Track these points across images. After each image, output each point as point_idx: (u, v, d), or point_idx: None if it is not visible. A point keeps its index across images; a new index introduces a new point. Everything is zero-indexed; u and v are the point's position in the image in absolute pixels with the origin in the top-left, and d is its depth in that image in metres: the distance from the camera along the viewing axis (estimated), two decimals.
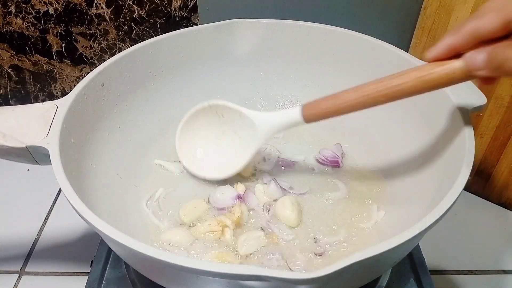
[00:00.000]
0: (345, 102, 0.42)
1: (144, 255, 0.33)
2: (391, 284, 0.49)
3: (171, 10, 0.73)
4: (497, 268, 0.63)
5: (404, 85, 0.38)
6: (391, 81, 0.39)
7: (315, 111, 0.45)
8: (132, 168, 0.55)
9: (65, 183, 0.38)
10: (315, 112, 0.45)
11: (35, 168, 0.59)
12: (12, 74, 0.84)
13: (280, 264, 0.45)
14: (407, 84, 0.38)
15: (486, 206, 0.71)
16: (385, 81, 0.39)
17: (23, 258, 0.66)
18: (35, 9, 0.75)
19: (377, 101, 0.40)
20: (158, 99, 0.59)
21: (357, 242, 0.48)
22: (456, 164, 0.40)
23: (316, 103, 0.45)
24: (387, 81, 0.39)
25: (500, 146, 0.65)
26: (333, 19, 0.61)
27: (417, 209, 0.44)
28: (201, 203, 0.51)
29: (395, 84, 0.38)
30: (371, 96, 0.40)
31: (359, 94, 0.41)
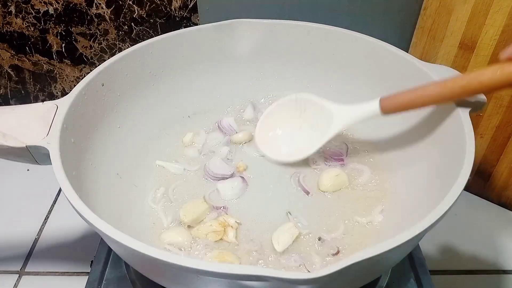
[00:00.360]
0: (423, 100, 0.45)
1: (144, 255, 0.33)
2: (391, 284, 0.49)
3: (171, 10, 0.73)
4: (497, 268, 0.63)
5: (484, 88, 0.40)
6: (470, 83, 0.41)
7: (393, 103, 0.47)
8: (132, 168, 0.55)
9: (65, 183, 0.38)
10: (393, 103, 0.47)
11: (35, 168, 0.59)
12: (12, 74, 0.84)
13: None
14: (486, 88, 0.40)
15: (486, 206, 0.71)
16: (463, 82, 0.41)
17: (23, 258, 0.66)
18: (35, 9, 0.75)
19: (453, 99, 0.43)
20: (158, 99, 0.59)
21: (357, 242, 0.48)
22: (456, 164, 0.40)
23: (394, 96, 0.47)
24: (466, 83, 0.41)
25: (500, 146, 0.65)
26: (333, 19, 0.61)
27: (417, 209, 0.44)
28: (201, 203, 0.51)
29: (475, 87, 0.41)
30: (448, 97, 0.43)
31: (438, 94, 0.43)
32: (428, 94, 0.44)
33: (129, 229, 0.48)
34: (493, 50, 0.58)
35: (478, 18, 0.58)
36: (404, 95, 0.46)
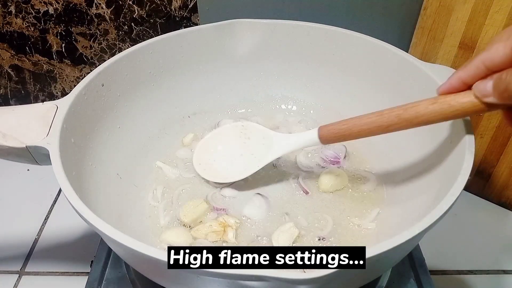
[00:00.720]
0: (360, 128, 0.43)
1: (144, 255, 0.33)
2: (391, 284, 0.49)
3: (171, 10, 0.73)
4: (497, 268, 0.63)
5: (420, 118, 0.39)
6: (406, 111, 0.40)
7: (331, 132, 0.46)
8: (132, 168, 0.55)
9: (65, 183, 0.38)
10: (331, 134, 0.46)
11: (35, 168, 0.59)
12: (12, 74, 0.84)
13: None
14: (422, 117, 0.39)
15: (486, 206, 0.71)
16: (400, 111, 0.40)
17: (23, 258, 0.66)
18: (35, 9, 0.75)
19: (390, 130, 0.41)
20: (158, 99, 0.59)
21: (357, 242, 0.48)
22: (456, 164, 0.40)
23: (332, 125, 0.46)
24: (402, 111, 0.40)
25: (500, 146, 0.65)
26: (333, 19, 0.61)
27: (417, 209, 0.44)
28: (201, 203, 0.51)
29: (410, 115, 0.39)
30: (385, 126, 0.41)
31: (374, 123, 0.42)
32: (364, 123, 0.43)
33: (129, 229, 0.48)
34: None
35: (478, 18, 0.58)
36: (341, 124, 0.45)
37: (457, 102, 0.36)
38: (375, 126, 0.42)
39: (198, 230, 0.49)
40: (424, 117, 0.38)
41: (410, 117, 0.39)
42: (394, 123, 0.40)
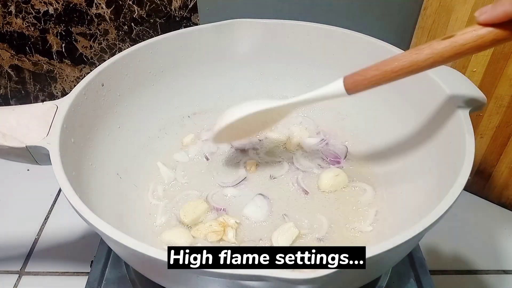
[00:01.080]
0: (392, 68, 0.40)
1: (144, 255, 0.33)
2: (391, 284, 0.49)
3: (171, 10, 0.73)
4: (497, 268, 0.63)
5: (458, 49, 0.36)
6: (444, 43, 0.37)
7: (360, 80, 0.42)
8: (132, 168, 0.55)
9: (65, 183, 0.38)
10: (360, 80, 0.42)
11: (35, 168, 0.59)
12: (12, 74, 0.84)
13: None
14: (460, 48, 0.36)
15: (486, 206, 0.71)
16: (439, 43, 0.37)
17: (23, 258, 0.66)
18: (35, 9, 0.75)
19: (429, 65, 0.38)
20: (158, 99, 0.59)
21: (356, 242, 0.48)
22: (456, 164, 0.40)
23: (358, 73, 0.43)
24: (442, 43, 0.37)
25: (500, 146, 0.65)
26: (333, 19, 0.61)
27: (417, 209, 0.44)
28: (201, 203, 0.51)
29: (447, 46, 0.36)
30: (421, 61, 0.38)
31: (407, 60, 0.39)
32: (397, 66, 0.39)
33: (129, 229, 0.48)
34: (493, 50, 0.58)
35: None
36: (369, 71, 0.41)
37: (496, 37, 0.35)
38: (408, 68, 0.39)
39: (198, 230, 0.49)
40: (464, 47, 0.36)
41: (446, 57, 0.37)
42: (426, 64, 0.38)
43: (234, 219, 0.49)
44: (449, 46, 0.36)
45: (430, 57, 0.37)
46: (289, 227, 0.48)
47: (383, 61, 0.41)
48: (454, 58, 0.37)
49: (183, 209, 0.51)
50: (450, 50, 0.36)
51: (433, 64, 0.38)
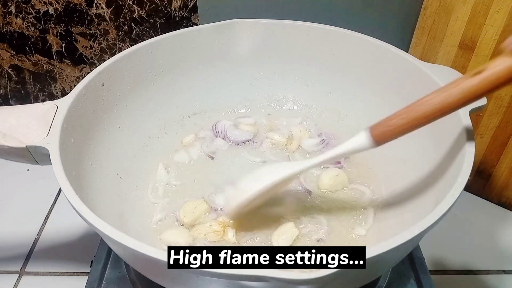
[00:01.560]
0: (420, 115, 0.37)
1: (144, 255, 0.33)
2: (391, 284, 0.49)
3: (171, 10, 0.73)
4: (497, 268, 0.63)
5: (490, 85, 0.34)
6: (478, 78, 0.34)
7: (387, 131, 0.39)
8: (132, 168, 0.55)
9: (65, 183, 0.38)
10: (387, 132, 0.39)
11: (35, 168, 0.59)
12: (12, 74, 0.84)
13: None
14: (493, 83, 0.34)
15: (486, 206, 0.71)
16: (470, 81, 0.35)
17: (23, 258, 0.66)
18: (35, 9, 0.75)
19: (451, 109, 0.36)
20: (158, 99, 0.59)
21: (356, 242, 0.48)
22: (456, 164, 0.40)
23: (385, 123, 0.40)
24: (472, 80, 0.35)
25: (500, 146, 0.65)
26: (333, 19, 0.61)
27: (417, 209, 0.44)
28: (201, 203, 0.51)
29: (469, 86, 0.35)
30: (451, 103, 0.36)
31: (436, 104, 0.37)
32: (426, 111, 0.37)
33: (129, 229, 0.48)
34: (493, 50, 0.58)
35: (478, 18, 0.58)
36: (395, 120, 0.39)
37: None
38: (439, 107, 0.36)
39: (197, 230, 0.49)
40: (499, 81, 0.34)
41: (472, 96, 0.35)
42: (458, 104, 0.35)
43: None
44: (481, 83, 0.34)
45: (461, 97, 0.35)
46: (289, 227, 0.48)
47: (409, 106, 0.38)
48: (488, 93, 0.35)
49: (183, 209, 0.51)
50: (482, 87, 0.34)
51: (464, 104, 0.36)
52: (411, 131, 0.39)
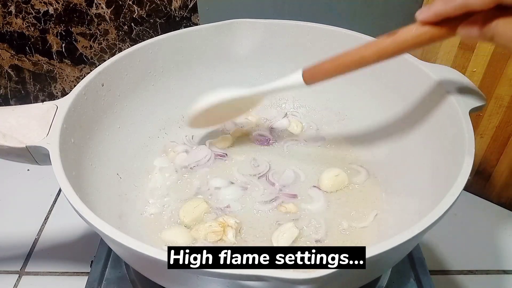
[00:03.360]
0: (344, 62, 0.44)
1: (144, 255, 0.33)
2: (391, 284, 0.49)
3: (171, 10, 0.73)
4: (497, 268, 0.63)
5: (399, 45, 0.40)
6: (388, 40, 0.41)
7: (315, 71, 0.47)
8: (132, 168, 0.55)
9: (65, 183, 0.38)
10: (316, 72, 0.47)
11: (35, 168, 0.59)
12: (12, 74, 0.84)
13: None
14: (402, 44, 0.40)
15: (486, 206, 0.71)
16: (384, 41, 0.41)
17: (23, 258, 0.66)
18: (35, 9, 0.75)
19: (376, 59, 0.42)
20: (158, 99, 0.59)
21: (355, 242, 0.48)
22: (456, 164, 0.40)
23: (317, 66, 0.47)
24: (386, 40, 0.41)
25: (500, 146, 0.65)
26: (333, 19, 0.61)
27: (417, 209, 0.44)
28: (201, 203, 0.51)
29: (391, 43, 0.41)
30: (368, 56, 0.42)
31: (356, 55, 0.43)
32: (349, 60, 0.44)
33: (129, 229, 0.49)
34: (493, 50, 0.58)
35: None
36: (325, 64, 0.46)
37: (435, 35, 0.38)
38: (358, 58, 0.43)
39: (197, 230, 0.49)
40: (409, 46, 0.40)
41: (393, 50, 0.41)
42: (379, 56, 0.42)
43: (234, 219, 0.49)
44: (391, 43, 0.40)
45: (376, 53, 0.41)
46: (289, 227, 0.48)
47: (337, 54, 0.45)
48: (397, 53, 0.41)
49: (182, 209, 0.51)
50: (392, 46, 0.40)
51: (379, 59, 0.42)
52: (336, 75, 0.45)
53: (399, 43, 0.40)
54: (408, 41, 0.39)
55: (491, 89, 0.61)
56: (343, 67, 0.44)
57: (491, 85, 0.61)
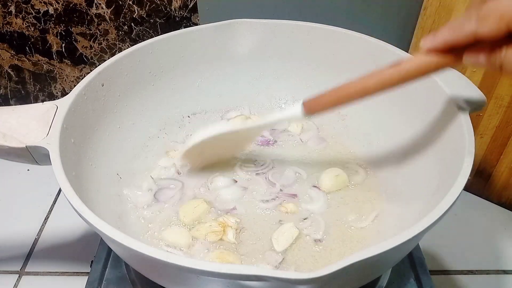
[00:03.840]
0: (345, 94, 0.43)
1: (144, 255, 0.33)
2: (391, 284, 0.49)
3: (171, 10, 0.73)
4: (497, 268, 0.63)
5: (403, 75, 0.39)
6: (391, 71, 0.40)
7: (317, 104, 0.46)
8: (132, 168, 0.55)
9: (65, 183, 0.38)
10: (317, 104, 0.46)
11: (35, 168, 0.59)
12: (12, 74, 0.84)
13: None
14: (406, 74, 0.39)
15: (486, 206, 0.71)
16: (387, 71, 0.40)
17: (23, 258, 0.66)
18: (35, 9, 0.75)
19: (379, 90, 0.41)
20: (158, 99, 0.59)
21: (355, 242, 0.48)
22: (456, 164, 0.40)
23: (317, 98, 0.46)
24: (389, 70, 0.40)
25: (500, 146, 0.65)
26: (333, 19, 0.61)
27: (418, 209, 0.44)
28: (201, 203, 0.51)
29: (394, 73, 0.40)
30: (371, 87, 0.41)
31: (358, 87, 0.42)
32: (351, 91, 0.43)
33: (129, 229, 0.49)
34: None
35: None
36: (328, 96, 0.45)
37: (440, 64, 0.37)
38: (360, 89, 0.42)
39: (197, 230, 0.49)
40: (409, 74, 0.39)
41: (398, 79, 0.40)
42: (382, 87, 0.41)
43: (234, 219, 0.49)
44: (395, 73, 0.39)
45: (379, 84, 0.40)
46: (289, 227, 0.48)
47: (339, 86, 0.44)
48: (402, 83, 0.39)
49: (182, 209, 0.51)
50: (396, 77, 0.39)
51: (382, 89, 0.41)
52: (335, 107, 0.45)
53: (402, 73, 0.39)
54: (412, 71, 0.38)
55: (491, 89, 0.61)
56: (344, 98, 0.43)
57: (491, 85, 0.61)
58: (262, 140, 0.61)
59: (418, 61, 0.38)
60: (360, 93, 0.42)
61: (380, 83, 0.40)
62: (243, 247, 0.47)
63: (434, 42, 0.36)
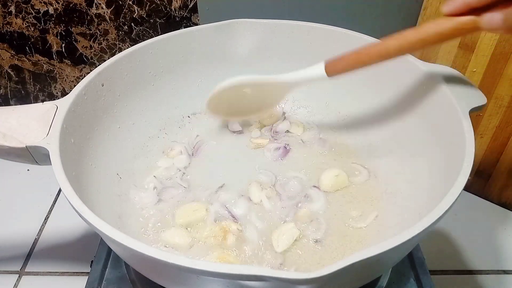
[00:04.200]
0: (368, 54, 0.44)
1: (144, 255, 0.33)
2: (391, 284, 0.49)
3: (171, 10, 0.73)
4: (497, 268, 0.63)
5: (424, 38, 0.40)
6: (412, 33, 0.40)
7: (339, 64, 0.47)
8: (132, 168, 0.55)
9: (65, 183, 0.38)
10: (339, 64, 0.47)
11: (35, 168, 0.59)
12: (12, 74, 0.84)
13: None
14: (426, 37, 0.40)
15: (486, 206, 0.71)
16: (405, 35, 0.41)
17: (23, 258, 0.66)
18: (35, 9, 0.75)
19: (399, 52, 0.42)
20: (158, 99, 0.59)
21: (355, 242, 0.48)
22: (456, 164, 0.40)
23: (339, 58, 0.47)
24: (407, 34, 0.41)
25: (500, 146, 0.65)
26: (333, 19, 0.61)
27: (417, 209, 0.44)
28: (199, 205, 0.51)
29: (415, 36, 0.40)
30: (395, 47, 0.42)
31: (380, 47, 0.43)
32: (373, 53, 0.44)
33: (129, 229, 0.48)
34: (493, 50, 0.58)
35: None
36: (349, 57, 0.46)
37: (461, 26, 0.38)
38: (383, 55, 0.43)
39: (198, 232, 0.48)
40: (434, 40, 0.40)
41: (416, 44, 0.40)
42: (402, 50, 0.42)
43: (236, 226, 0.49)
44: (415, 35, 0.40)
45: (400, 46, 0.41)
46: (290, 227, 0.48)
47: (360, 47, 0.45)
48: (421, 46, 0.40)
49: (182, 210, 0.50)
50: (417, 39, 0.40)
51: (402, 51, 0.42)
52: (356, 68, 0.46)
53: (423, 36, 0.39)
54: (432, 35, 0.39)
55: (491, 89, 0.61)
56: (366, 59, 0.44)
57: (491, 85, 0.61)
58: (277, 154, 0.59)
59: (438, 24, 0.38)
60: (381, 55, 0.43)
61: (400, 46, 0.41)
62: (243, 248, 0.47)
63: (455, 4, 0.37)
